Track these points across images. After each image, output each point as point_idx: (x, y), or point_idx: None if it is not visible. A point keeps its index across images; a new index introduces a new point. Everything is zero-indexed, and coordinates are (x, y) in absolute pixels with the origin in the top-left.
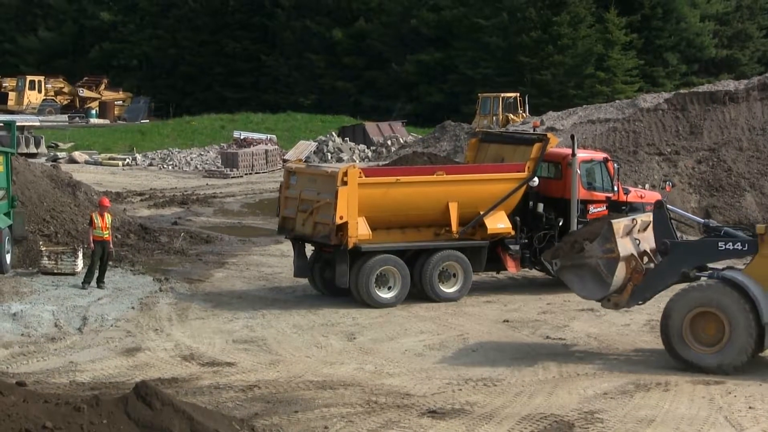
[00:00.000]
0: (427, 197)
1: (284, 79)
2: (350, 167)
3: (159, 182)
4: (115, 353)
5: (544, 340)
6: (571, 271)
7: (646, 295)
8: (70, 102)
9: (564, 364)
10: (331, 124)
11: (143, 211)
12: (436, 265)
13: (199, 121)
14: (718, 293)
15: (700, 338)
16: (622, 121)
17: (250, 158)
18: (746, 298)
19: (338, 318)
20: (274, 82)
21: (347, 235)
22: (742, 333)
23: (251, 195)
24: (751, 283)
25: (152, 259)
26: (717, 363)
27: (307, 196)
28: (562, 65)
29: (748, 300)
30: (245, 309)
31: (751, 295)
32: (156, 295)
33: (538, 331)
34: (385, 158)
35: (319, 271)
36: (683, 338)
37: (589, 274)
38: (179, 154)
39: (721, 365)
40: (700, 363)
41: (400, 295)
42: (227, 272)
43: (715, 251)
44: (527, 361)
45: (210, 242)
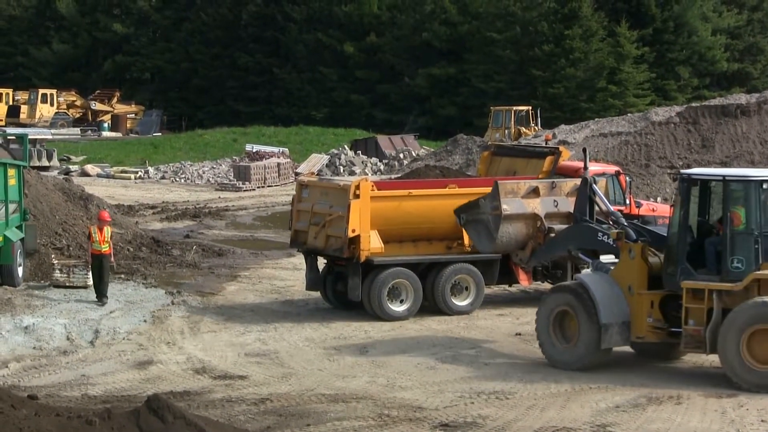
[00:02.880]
0: (440, 210)
1: (297, 92)
2: (362, 180)
3: (171, 195)
4: (127, 366)
5: None
6: (470, 225)
7: (541, 258)
8: (82, 115)
9: (576, 378)
10: (343, 137)
11: (155, 224)
12: (448, 279)
13: (212, 134)
14: (573, 293)
15: (562, 336)
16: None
17: (263, 171)
18: (591, 299)
19: (350, 331)
20: (287, 96)
21: (359, 248)
22: (586, 332)
23: (263, 208)
24: (603, 283)
25: (164, 272)
26: (569, 360)
27: (319, 210)
28: (574, 78)
29: (591, 300)
30: (257, 322)
31: (592, 295)
32: (168, 308)
33: None
34: (398, 171)
35: (332, 285)
36: (549, 336)
37: (483, 229)
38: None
39: (570, 362)
40: (559, 359)
41: (413, 309)
42: (239, 285)
43: (595, 240)
44: (539, 374)
45: (222, 255)
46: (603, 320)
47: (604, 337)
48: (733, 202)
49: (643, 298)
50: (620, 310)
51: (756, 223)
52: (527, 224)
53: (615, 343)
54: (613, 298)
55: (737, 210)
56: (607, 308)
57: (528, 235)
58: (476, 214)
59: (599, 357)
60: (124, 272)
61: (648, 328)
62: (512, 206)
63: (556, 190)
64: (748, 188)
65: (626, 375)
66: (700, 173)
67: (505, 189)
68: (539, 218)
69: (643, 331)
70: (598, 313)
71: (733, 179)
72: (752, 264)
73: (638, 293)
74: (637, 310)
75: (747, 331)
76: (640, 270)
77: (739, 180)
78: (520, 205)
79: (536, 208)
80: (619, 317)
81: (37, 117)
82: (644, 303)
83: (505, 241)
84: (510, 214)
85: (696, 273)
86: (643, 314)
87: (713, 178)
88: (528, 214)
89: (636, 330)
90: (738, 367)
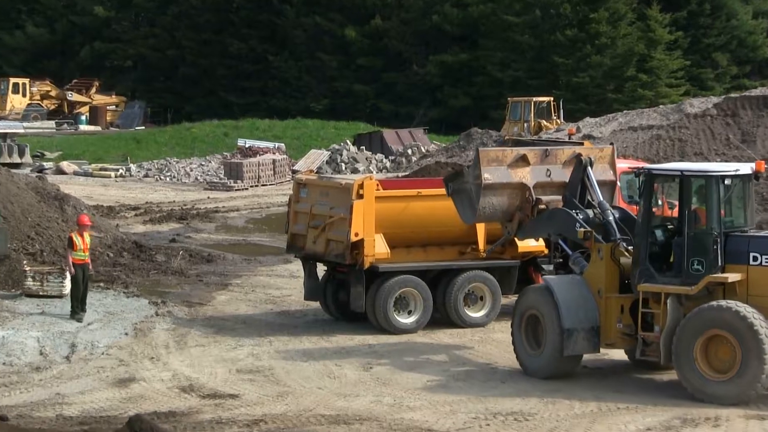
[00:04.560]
0: (452, 212)
1: (294, 82)
2: (366, 179)
3: (155, 195)
4: (106, 384)
5: (581, 369)
6: (456, 195)
7: (527, 235)
8: (57, 107)
9: (602, 396)
10: (345, 131)
11: (138, 227)
12: (461, 287)
13: (200, 128)
14: (539, 295)
15: (534, 342)
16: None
17: (256, 169)
18: (555, 302)
19: (353, 345)
20: (283, 86)
21: (363, 253)
22: (551, 338)
23: (257, 209)
24: (570, 285)
25: (148, 280)
26: (537, 367)
27: (318, 211)
28: (600, 66)
29: (555, 303)
30: (250, 335)
31: (555, 298)
32: (152, 319)
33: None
34: (405, 169)
35: (332, 294)
36: (522, 341)
37: (467, 199)
38: (178, 165)
39: (538, 370)
40: (528, 366)
41: (422, 320)
42: (230, 295)
43: (572, 229)
44: (562, 392)
45: (211, 261)
46: (566, 325)
47: (566, 343)
48: (693, 199)
49: (612, 301)
50: (587, 315)
51: (716, 222)
52: (513, 195)
53: (581, 350)
54: (581, 301)
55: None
56: (571, 312)
57: (515, 206)
58: (461, 183)
59: (566, 365)
60: (104, 280)
61: (617, 334)
62: (495, 175)
63: (551, 158)
64: (708, 184)
65: (657, 393)
66: (660, 168)
67: (487, 157)
68: (527, 188)
69: (612, 337)
70: (560, 318)
71: (691, 174)
72: (712, 266)
73: (607, 297)
74: (607, 315)
75: (701, 338)
76: (609, 272)
77: (698, 175)
78: (505, 173)
79: (525, 178)
80: (586, 322)
81: (7, 109)
82: (613, 307)
83: (488, 212)
84: (492, 183)
85: (659, 275)
86: (612, 319)
87: (672, 173)
88: (514, 183)
89: (606, 336)
90: (692, 377)
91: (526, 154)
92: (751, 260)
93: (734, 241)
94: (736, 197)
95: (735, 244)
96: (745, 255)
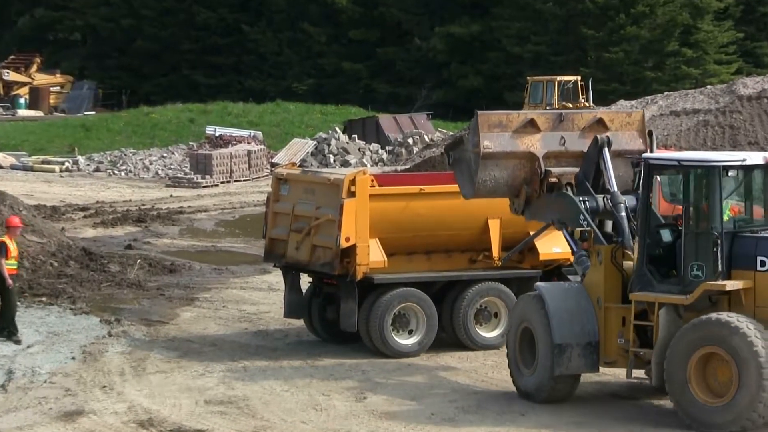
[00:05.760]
0: (460, 213)
1: (273, 58)
2: (359, 173)
3: (108, 193)
4: (49, 418)
5: (612, 398)
6: (456, 166)
7: (534, 216)
8: None
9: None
10: (334, 116)
11: (87, 231)
12: (472, 302)
13: (161, 112)
14: (531, 305)
15: (531, 359)
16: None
17: (228, 162)
18: (546, 314)
19: (343, 371)
20: (260, 62)
21: (355, 262)
22: (544, 354)
23: (229, 210)
24: (565, 294)
25: (99, 294)
26: (530, 389)
27: (302, 212)
28: (636, 40)
29: (546, 315)
30: (221, 360)
31: (547, 309)
32: (104, 341)
33: (605, 388)
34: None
35: (319, 310)
36: (516, 360)
37: (466, 170)
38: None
39: (532, 392)
40: (522, 387)
41: (425, 341)
42: (197, 311)
43: (576, 220)
44: (594, 427)
45: (175, 272)
46: (557, 340)
47: (558, 361)
48: (692, 193)
49: (612, 312)
50: (584, 329)
51: (718, 221)
52: (519, 166)
53: (575, 369)
54: (577, 312)
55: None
56: (564, 325)
57: (521, 180)
58: (461, 152)
59: (561, 386)
60: (47, 294)
61: (618, 350)
62: (497, 143)
63: (566, 123)
64: (709, 176)
65: None
66: (658, 157)
67: (488, 121)
68: (536, 159)
69: (613, 354)
70: (551, 332)
71: (689, 164)
72: (713, 271)
73: (606, 307)
74: (607, 329)
75: (695, 356)
76: (609, 278)
77: (697, 165)
78: (510, 141)
79: (533, 146)
80: (583, 337)
81: None
82: (614, 320)
83: (489, 186)
84: (494, 153)
85: (657, 283)
86: (613, 333)
87: (669, 163)
88: (520, 152)
89: (605, 353)
90: (685, 402)
91: (535, 119)
92: (758, 265)
93: (741, 243)
94: (746, 192)
95: (742, 247)
96: (752, 259)
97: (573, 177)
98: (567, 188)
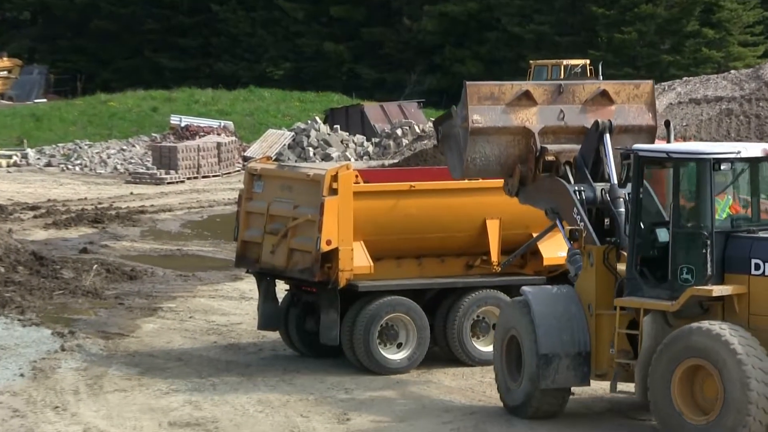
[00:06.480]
0: (455, 212)
1: (245, 39)
2: (342, 168)
3: (61, 191)
4: None
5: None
6: (445, 142)
7: (526, 200)
8: None
9: None
10: (313, 105)
11: (38, 232)
12: (468, 313)
13: (121, 100)
14: (518, 312)
15: (513, 372)
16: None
17: (195, 155)
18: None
19: (324, 390)
20: (231, 45)
21: (338, 267)
22: (529, 366)
23: (196, 209)
24: (554, 299)
25: (51, 303)
26: (516, 403)
27: (278, 211)
28: (652, 19)
29: (532, 323)
30: (187, 377)
31: (532, 316)
32: (56, 356)
33: (617, 408)
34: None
35: (297, 321)
36: (503, 371)
37: (455, 146)
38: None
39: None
40: (508, 402)
41: (415, 356)
42: (161, 323)
43: (570, 213)
44: None
45: (136, 279)
46: (543, 350)
47: (544, 373)
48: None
49: (604, 320)
50: (574, 338)
51: (708, 219)
52: (513, 142)
53: (564, 382)
54: (566, 320)
55: None
56: (551, 334)
57: (515, 157)
58: (450, 127)
59: (549, 400)
60: None
61: (611, 362)
62: (488, 117)
63: (566, 96)
64: (699, 169)
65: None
66: (647, 149)
67: (479, 93)
68: (532, 135)
69: (605, 365)
70: (537, 341)
71: (679, 156)
72: (703, 275)
73: (598, 314)
74: (599, 338)
75: (679, 369)
76: (602, 282)
77: (687, 158)
78: (502, 115)
79: (529, 121)
80: (572, 347)
81: None
82: (606, 328)
83: (479, 164)
84: (484, 128)
85: (647, 287)
86: (605, 343)
87: (658, 156)
88: (513, 128)
89: (597, 364)
90: (669, 420)
91: (531, 91)
92: (753, 269)
93: (735, 245)
94: (746, 187)
95: (735, 248)
96: (746, 262)
97: (572, 155)
98: (566, 167)
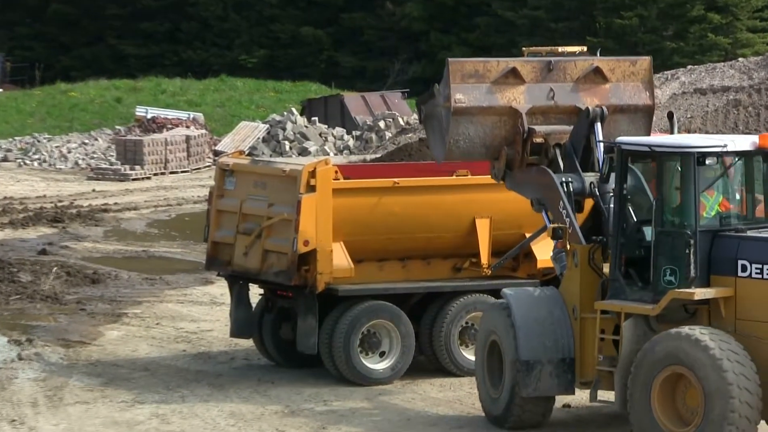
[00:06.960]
0: (443, 211)
1: (216, 24)
2: (321, 164)
3: (18, 187)
4: None
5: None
6: (427, 122)
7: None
8: None
9: None
10: (290, 95)
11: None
12: (456, 319)
13: (82, 90)
14: (498, 315)
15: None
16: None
17: (163, 149)
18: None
19: (301, 402)
20: (201, 30)
21: (316, 270)
22: (510, 372)
23: (163, 208)
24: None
25: (7, 309)
26: (497, 412)
27: (252, 210)
28: (654, 3)
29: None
30: (154, 388)
31: (513, 320)
32: (12, 365)
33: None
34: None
35: (271, 328)
36: (484, 379)
37: (438, 127)
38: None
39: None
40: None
41: (399, 366)
42: (126, 330)
43: (555, 206)
44: None
45: (98, 282)
46: (524, 356)
47: (525, 381)
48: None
49: (588, 324)
50: (557, 343)
51: (692, 216)
52: (499, 123)
53: (546, 390)
54: (549, 324)
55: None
56: (532, 339)
57: (501, 139)
58: (432, 107)
59: (532, 409)
60: None
61: (596, 369)
62: (472, 96)
63: (556, 73)
64: (683, 164)
65: None
66: (631, 142)
67: (462, 70)
68: (519, 115)
69: (590, 372)
70: (517, 346)
71: (662, 150)
72: (686, 277)
73: (583, 318)
74: (584, 343)
75: (659, 378)
76: (587, 284)
77: (670, 152)
78: (486, 94)
79: (516, 100)
80: (555, 353)
81: None
82: (591, 332)
83: (462, 147)
84: (467, 107)
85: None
86: (590, 348)
87: (641, 149)
88: (499, 107)
89: (582, 372)
90: (645, 428)
91: (519, 68)
92: (739, 270)
93: (722, 244)
94: (733, 182)
95: (722, 248)
96: (732, 263)
97: (563, 137)
98: (555, 150)
